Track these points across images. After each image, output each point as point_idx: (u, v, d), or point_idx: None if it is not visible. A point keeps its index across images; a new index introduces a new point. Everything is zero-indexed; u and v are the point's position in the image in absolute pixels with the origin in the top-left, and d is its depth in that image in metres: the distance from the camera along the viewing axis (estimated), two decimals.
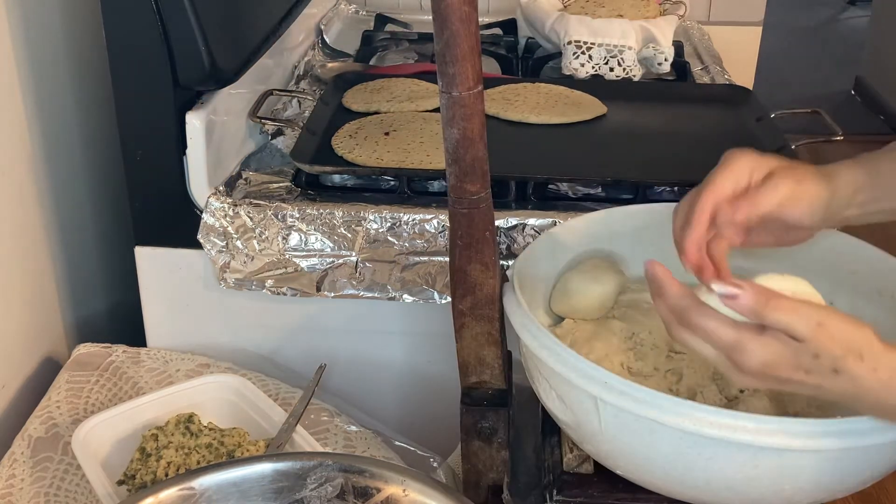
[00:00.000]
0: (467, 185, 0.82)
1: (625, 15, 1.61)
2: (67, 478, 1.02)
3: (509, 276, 0.87)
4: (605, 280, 0.93)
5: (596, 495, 0.85)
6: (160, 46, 1.06)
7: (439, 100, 0.79)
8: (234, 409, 1.07)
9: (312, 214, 1.14)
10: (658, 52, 1.55)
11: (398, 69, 1.57)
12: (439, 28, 0.76)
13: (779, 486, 0.73)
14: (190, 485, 0.83)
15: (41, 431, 1.07)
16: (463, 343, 0.88)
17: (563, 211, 1.14)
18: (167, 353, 1.21)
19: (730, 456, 0.72)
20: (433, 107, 1.35)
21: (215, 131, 1.15)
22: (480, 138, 0.80)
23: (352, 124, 1.30)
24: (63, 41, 1.24)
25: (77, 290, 1.31)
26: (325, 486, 0.84)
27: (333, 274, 1.14)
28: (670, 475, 0.76)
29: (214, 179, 1.17)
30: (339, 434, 1.09)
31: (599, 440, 0.78)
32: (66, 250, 1.28)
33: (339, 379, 1.23)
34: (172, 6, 1.04)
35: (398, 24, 1.86)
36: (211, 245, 1.15)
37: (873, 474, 0.76)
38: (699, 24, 1.86)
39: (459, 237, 0.84)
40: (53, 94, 1.22)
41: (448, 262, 0.90)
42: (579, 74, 1.53)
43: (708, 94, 1.47)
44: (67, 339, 1.29)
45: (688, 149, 1.28)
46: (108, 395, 1.14)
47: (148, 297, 1.21)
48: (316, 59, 1.62)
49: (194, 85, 1.12)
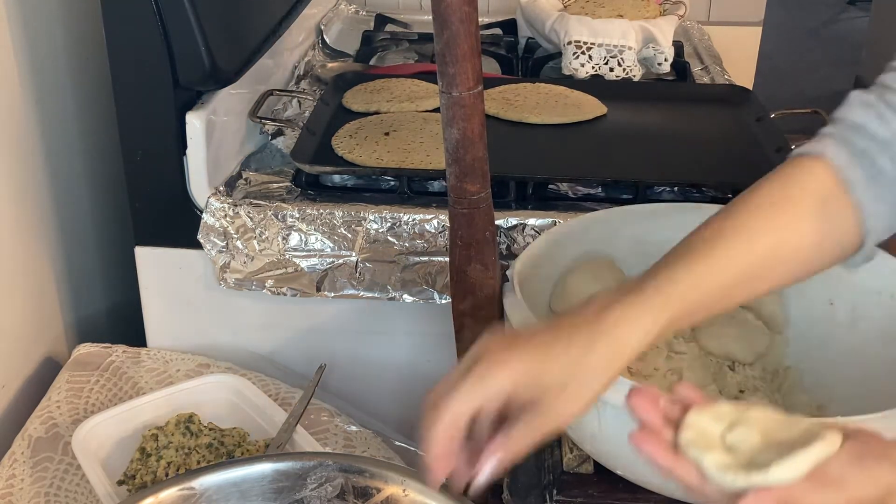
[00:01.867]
0: (467, 185, 0.82)
1: (625, 15, 1.61)
2: (67, 478, 1.02)
3: (509, 276, 0.87)
4: (605, 280, 0.93)
5: (596, 495, 0.85)
6: (160, 46, 1.06)
7: (439, 100, 0.79)
8: (234, 409, 1.07)
9: (312, 214, 1.14)
10: (658, 52, 1.55)
11: (398, 69, 1.57)
12: (439, 28, 0.76)
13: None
14: (190, 485, 0.83)
15: (41, 431, 1.07)
16: (463, 343, 0.88)
17: (563, 211, 1.14)
18: (167, 353, 1.21)
19: None
20: (433, 107, 1.35)
21: (215, 131, 1.15)
22: (480, 138, 0.80)
23: (352, 124, 1.30)
24: (63, 41, 1.24)
25: (77, 290, 1.31)
26: (325, 486, 0.84)
27: (333, 274, 1.14)
28: None
29: (214, 179, 1.17)
30: (339, 434, 1.09)
31: (599, 440, 0.78)
32: (66, 250, 1.28)
33: (339, 379, 1.23)
34: (172, 6, 1.04)
35: (398, 24, 1.86)
36: (211, 245, 1.15)
37: None
38: (699, 24, 1.86)
39: (459, 237, 0.84)
40: (53, 94, 1.22)
41: (448, 262, 0.90)
42: (579, 74, 1.53)
43: (708, 94, 1.47)
44: (67, 339, 1.29)
45: (688, 149, 1.28)
46: (108, 395, 1.14)
47: (148, 297, 1.21)
48: (316, 59, 1.62)
49: (194, 85, 1.12)
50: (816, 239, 0.73)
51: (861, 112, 0.74)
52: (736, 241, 0.71)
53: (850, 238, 0.74)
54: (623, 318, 0.66)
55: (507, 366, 0.64)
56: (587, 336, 0.66)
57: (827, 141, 0.74)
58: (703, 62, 1.67)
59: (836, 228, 0.73)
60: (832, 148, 0.73)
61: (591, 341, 0.65)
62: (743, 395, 0.90)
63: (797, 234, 0.72)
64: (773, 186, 0.73)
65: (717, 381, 0.92)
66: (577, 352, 0.65)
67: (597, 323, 0.66)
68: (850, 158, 0.72)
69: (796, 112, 1.35)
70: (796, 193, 0.72)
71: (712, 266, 0.69)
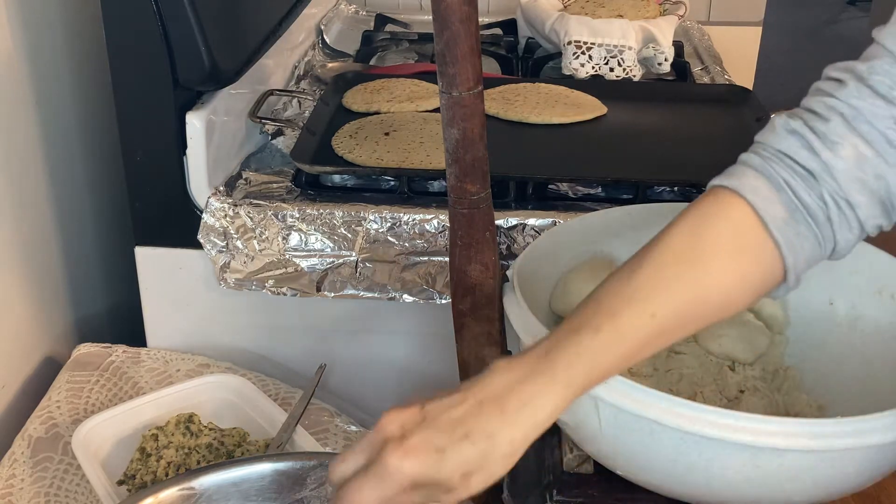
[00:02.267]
0: (467, 185, 0.82)
1: (625, 15, 1.61)
2: (67, 478, 1.02)
3: (509, 276, 0.87)
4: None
5: (596, 495, 0.85)
6: (160, 46, 1.06)
7: (439, 100, 0.79)
8: (234, 409, 1.07)
9: (312, 214, 1.14)
10: (658, 52, 1.55)
11: (398, 69, 1.57)
12: (439, 28, 0.76)
13: (779, 486, 0.73)
14: (190, 485, 0.83)
15: (41, 431, 1.07)
16: (463, 343, 0.88)
17: (563, 211, 1.14)
18: (167, 353, 1.21)
19: (730, 456, 0.72)
20: (433, 107, 1.35)
21: (215, 131, 1.15)
22: (480, 138, 0.80)
23: (352, 124, 1.30)
24: (63, 41, 1.24)
25: (77, 290, 1.31)
26: (325, 486, 0.84)
27: (333, 274, 1.14)
28: (670, 476, 0.76)
29: (214, 179, 1.17)
30: (339, 434, 1.09)
31: (599, 441, 0.78)
32: (66, 250, 1.28)
33: (339, 379, 1.23)
34: (172, 6, 1.04)
35: (398, 24, 1.86)
36: (211, 245, 1.15)
37: (873, 474, 0.76)
38: (699, 24, 1.86)
39: (459, 237, 0.84)
40: (53, 94, 1.22)
41: (448, 262, 0.90)
42: (579, 74, 1.53)
43: (708, 94, 1.47)
44: (67, 339, 1.29)
45: (688, 149, 1.28)
46: (108, 395, 1.14)
47: (148, 297, 1.21)
48: (316, 59, 1.62)
49: (194, 85, 1.12)
50: (735, 284, 0.70)
51: (787, 140, 0.71)
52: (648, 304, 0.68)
53: (773, 275, 0.71)
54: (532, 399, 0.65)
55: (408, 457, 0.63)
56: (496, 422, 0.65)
57: (747, 173, 0.71)
58: (703, 62, 1.67)
59: (757, 270, 0.71)
60: (752, 181, 0.70)
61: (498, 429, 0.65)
62: (743, 395, 0.90)
63: (714, 284, 0.70)
64: (686, 234, 0.71)
65: (717, 381, 0.91)
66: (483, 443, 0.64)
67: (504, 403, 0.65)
68: (770, 193, 0.70)
69: None
70: (711, 241, 0.70)
71: (620, 335, 0.68)
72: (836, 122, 0.70)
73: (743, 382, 0.92)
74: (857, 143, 0.69)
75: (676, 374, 0.90)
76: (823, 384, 0.91)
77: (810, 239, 0.70)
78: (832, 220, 0.70)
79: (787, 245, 0.70)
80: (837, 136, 0.70)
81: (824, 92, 0.73)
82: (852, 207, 0.70)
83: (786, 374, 0.93)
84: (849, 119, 0.70)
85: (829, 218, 0.70)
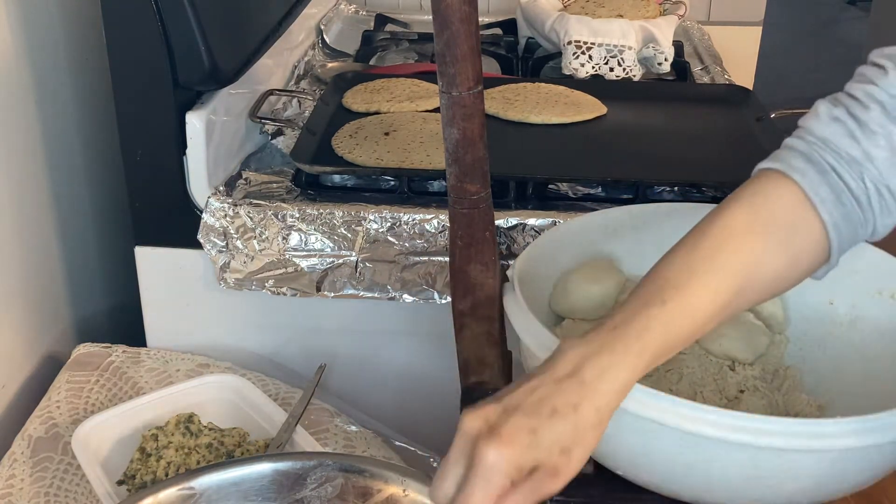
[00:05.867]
0: (467, 185, 0.82)
1: (625, 15, 1.61)
2: (67, 478, 1.02)
3: (509, 276, 0.87)
4: (605, 280, 0.93)
5: (596, 495, 0.85)
6: (160, 46, 1.06)
7: (439, 100, 0.79)
8: (234, 409, 1.07)
9: (312, 214, 1.14)
10: (658, 52, 1.55)
11: (398, 69, 1.57)
12: (439, 28, 0.76)
13: (779, 486, 0.73)
14: (190, 485, 0.83)
15: (41, 431, 1.07)
16: (463, 343, 0.88)
17: (563, 211, 1.14)
18: (167, 353, 1.21)
19: (730, 456, 0.72)
20: (433, 107, 1.35)
21: (215, 131, 1.15)
22: (480, 138, 0.80)
23: (352, 124, 1.30)
24: (63, 41, 1.24)
25: (77, 290, 1.31)
26: (325, 486, 0.84)
27: (333, 274, 1.14)
28: (670, 476, 0.76)
29: (214, 179, 1.17)
30: (339, 434, 1.09)
31: (599, 440, 0.78)
32: (66, 250, 1.28)
33: (339, 379, 1.23)
34: (172, 6, 1.04)
35: (398, 24, 1.86)
36: (211, 245, 1.15)
37: (873, 474, 0.76)
38: (699, 24, 1.86)
39: (459, 237, 0.84)
40: (53, 94, 1.22)
41: (448, 262, 0.90)
42: (579, 74, 1.53)
43: (708, 94, 1.47)
44: (67, 339, 1.29)
45: (688, 149, 1.28)
46: (108, 395, 1.14)
47: (148, 297, 1.21)
48: (316, 59, 1.62)
49: (194, 85, 1.12)
50: (788, 262, 0.73)
51: (830, 127, 0.73)
52: (710, 277, 0.70)
53: (819, 254, 0.74)
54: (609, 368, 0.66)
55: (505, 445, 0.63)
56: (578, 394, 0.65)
57: (794, 156, 0.73)
58: (703, 62, 1.67)
59: (806, 248, 0.73)
60: (800, 164, 0.73)
61: (581, 400, 0.65)
62: (743, 395, 0.90)
63: (769, 261, 0.72)
64: (742, 210, 0.73)
65: (717, 381, 0.91)
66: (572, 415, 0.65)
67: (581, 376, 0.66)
68: (817, 176, 0.72)
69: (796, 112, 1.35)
70: (765, 217, 0.72)
71: (686, 307, 0.69)
72: (876, 111, 0.72)
73: (743, 382, 0.92)
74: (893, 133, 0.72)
75: (676, 374, 0.90)
76: (823, 384, 0.91)
77: (853, 221, 0.73)
78: (873, 205, 0.73)
79: (833, 225, 0.72)
80: (877, 125, 0.72)
81: (866, 78, 0.74)
82: (893, 194, 0.73)
83: (786, 374, 0.93)
84: (889, 109, 0.72)
85: (870, 202, 0.73)
